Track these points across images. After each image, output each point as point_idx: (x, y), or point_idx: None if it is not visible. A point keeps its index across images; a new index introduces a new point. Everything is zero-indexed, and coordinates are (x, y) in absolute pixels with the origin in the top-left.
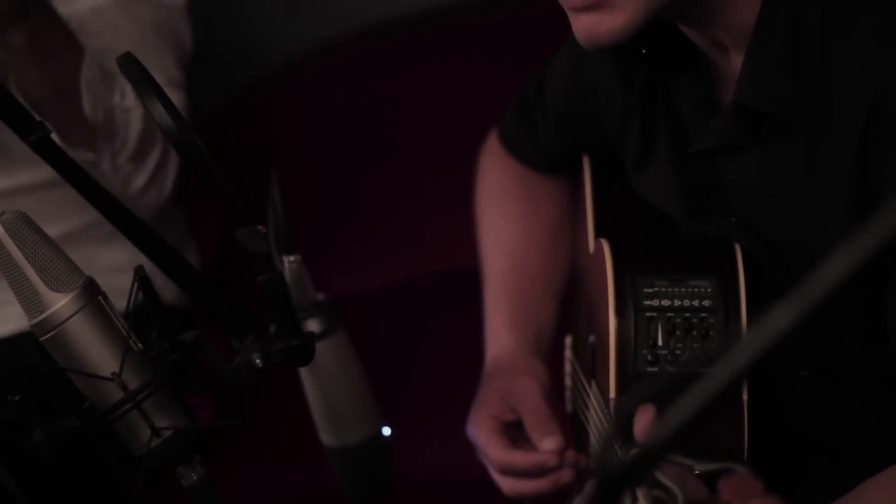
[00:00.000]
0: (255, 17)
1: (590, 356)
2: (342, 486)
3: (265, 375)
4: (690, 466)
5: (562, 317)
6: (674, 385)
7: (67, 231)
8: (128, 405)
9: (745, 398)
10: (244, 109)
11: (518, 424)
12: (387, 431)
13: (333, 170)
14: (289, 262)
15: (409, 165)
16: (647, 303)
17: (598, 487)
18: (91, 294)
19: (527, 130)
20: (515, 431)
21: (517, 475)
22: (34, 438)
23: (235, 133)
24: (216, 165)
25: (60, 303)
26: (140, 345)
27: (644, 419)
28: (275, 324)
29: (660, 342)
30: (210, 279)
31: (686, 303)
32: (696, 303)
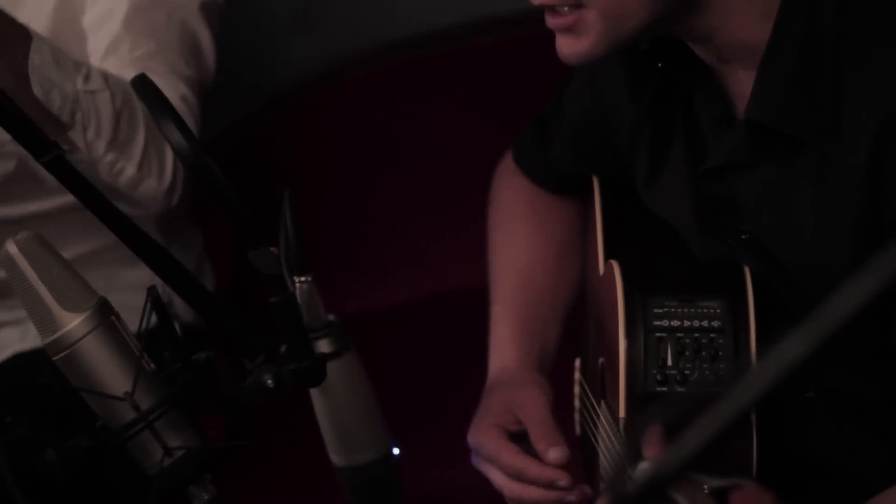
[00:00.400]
0: (266, 37)
1: (599, 377)
2: None
3: (277, 396)
4: (701, 483)
5: (568, 339)
6: (686, 409)
7: (91, 250)
8: (140, 425)
9: (754, 418)
10: (255, 129)
11: (521, 435)
12: (396, 451)
13: (343, 189)
14: (300, 283)
15: (420, 186)
16: (657, 323)
17: None
18: (104, 314)
19: (541, 148)
20: (518, 442)
21: (526, 482)
22: (47, 457)
23: (246, 152)
24: (230, 187)
25: (73, 322)
26: (153, 365)
27: (654, 440)
28: (286, 344)
29: (669, 362)
30: (223, 299)
31: (695, 323)
32: (706, 323)
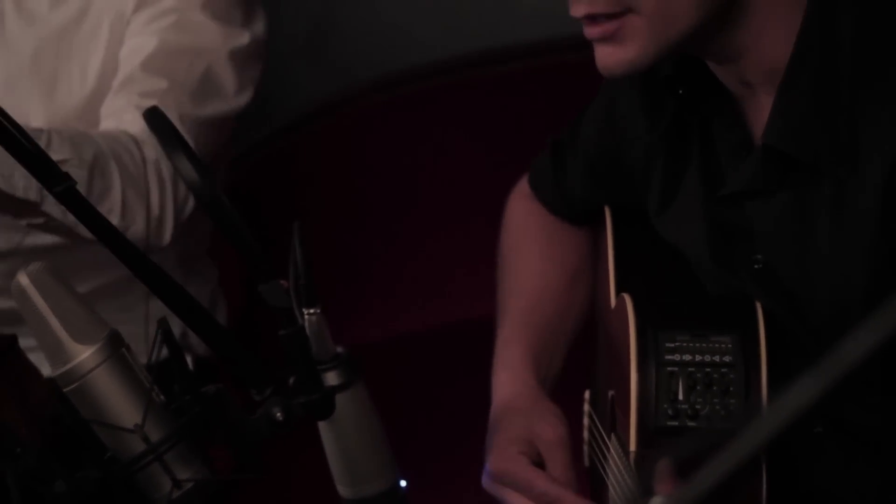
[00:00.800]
0: (274, 66)
1: (609, 410)
2: None
3: (286, 429)
4: None
5: (578, 370)
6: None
7: (107, 282)
8: (150, 457)
9: (764, 455)
10: (263, 158)
11: (538, 466)
12: (403, 484)
13: (353, 218)
14: (309, 315)
15: (431, 215)
16: (669, 357)
17: None
18: (115, 346)
19: (555, 173)
20: None
21: None
22: (56, 489)
23: (254, 180)
24: (241, 221)
25: (84, 354)
26: (162, 396)
27: (666, 477)
28: (295, 377)
29: (680, 397)
30: (233, 331)
31: (707, 358)
32: (717, 358)
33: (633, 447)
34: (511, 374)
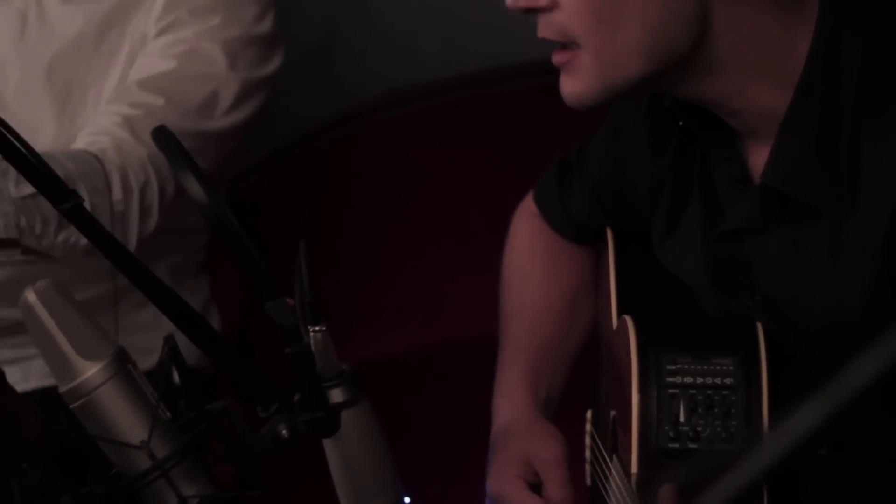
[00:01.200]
0: (278, 84)
1: (611, 431)
2: None
3: (291, 446)
4: None
5: (581, 389)
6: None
7: (103, 292)
8: (156, 473)
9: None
10: (266, 174)
11: (536, 486)
12: (407, 500)
13: (356, 235)
14: (314, 332)
15: (434, 232)
16: (670, 380)
17: None
18: (121, 363)
19: (561, 192)
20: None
21: None
22: None
23: (257, 197)
24: (248, 240)
25: (91, 371)
26: (168, 413)
27: (668, 500)
28: (300, 394)
29: (682, 419)
30: (236, 346)
31: (708, 380)
32: (719, 380)
33: (635, 469)
34: (508, 400)
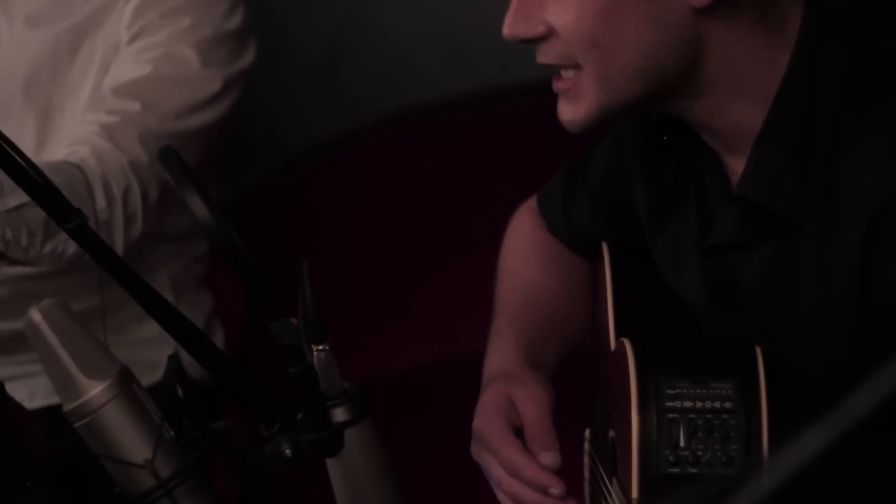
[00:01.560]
0: (282, 102)
1: (610, 451)
2: None
3: (294, 465)
4: None
5: (582, 408)
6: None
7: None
8: (159, 493)
9: None
10: (270, 192)
11: (520, 431)
12: None
13: (359, 253)
14: (318, 351)
15: (436, 250)
16: (670, 404)
17: None
18: (125, 382)
19: (566, 197)
20: (520, 437)
21: (522, 481)
22: None
23: (261, 214)
24: (253, 259)
25: (95, 390)
26: (172, 432)
27: None
28: (303, 413)
29: (681, 443)
30: (240, 364)
31: (707, 404)
32: (718, 404)
33: (636, 494)
34: (500, 355)
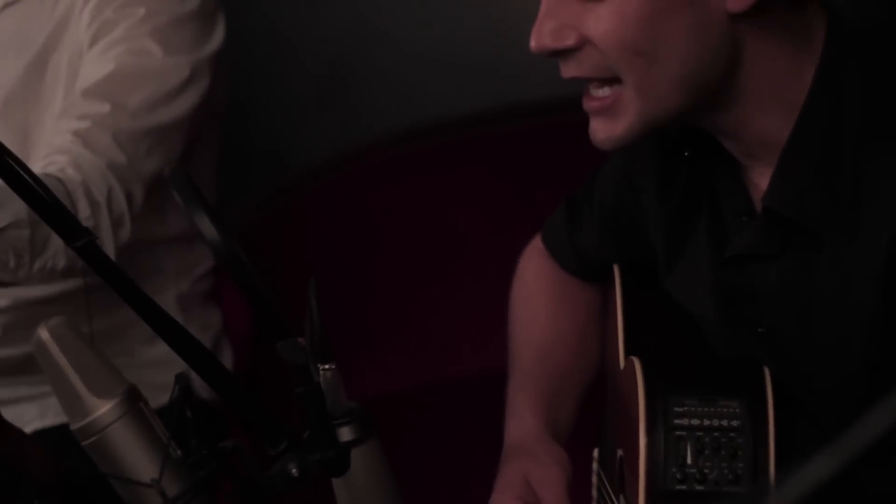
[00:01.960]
0: (287, 121)
1: (618, 471)
2: None
3: (300, 485)
4: None
5: (588, 427)
6: None
7: (110, 326)
8: None
9: None
10: (274, 210)
11: None
12: None
13: (363, 272)
14: (324, 371)
15: (439, 269)
16: (678, 422)
17: None
18: (133, 401)
19: (570, 228)
20: None
21: None
22: None
23: (264, 232)
24: (260, 280)
25: (103, 409)
26: (179, 451)
27: None
28: (310, 432)
29: (689, 461)
30: (245, 382)
31: (715, 422)
32: (725, 423)
33: None
34: (517, 421)
